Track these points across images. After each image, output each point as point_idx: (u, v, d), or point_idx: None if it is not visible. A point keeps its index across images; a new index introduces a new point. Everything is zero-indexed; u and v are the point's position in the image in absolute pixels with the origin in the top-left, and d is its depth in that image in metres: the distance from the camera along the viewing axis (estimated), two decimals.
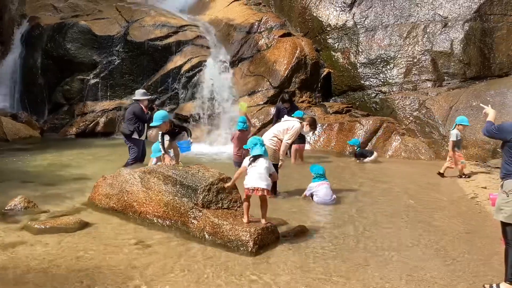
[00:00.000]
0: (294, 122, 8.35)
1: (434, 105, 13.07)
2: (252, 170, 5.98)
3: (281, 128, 8.28)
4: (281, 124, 8.48)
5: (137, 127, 9.73)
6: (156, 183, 6.63)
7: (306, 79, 14.94)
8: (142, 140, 9.87)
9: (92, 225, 6.38)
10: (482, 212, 7.60)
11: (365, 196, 8.56)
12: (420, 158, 12.44)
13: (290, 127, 8.22)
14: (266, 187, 5.91)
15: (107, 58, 15.77)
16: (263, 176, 5.94)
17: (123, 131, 9.90)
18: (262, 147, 6.18)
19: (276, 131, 8.31)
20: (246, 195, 5.97)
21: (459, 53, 13.63)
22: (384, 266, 5.34)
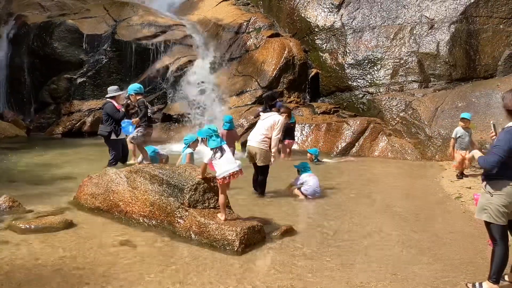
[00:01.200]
0: (276, 115, 8.18)
1: (420, 106, 13.18)
2: (220, 160, 6.01)
3: (268, 126, 8.06)
4: (264, 122, 8.16)
5: (114, 127, 9.41)
6: (143, 182, 6.61)
7: (294, 80, 15.01)
8: (121, 139, 9.57)
9: (77, 225, 6.34)
10: (466, 212, 7.68)
11: (350, 197, 8.60)
12: (406, 158, 12.54)
13: (276, 121, 8.06)
14: (239, 167, 6.08)
15: (95, 57, 15.71)
16: (232, 160, 6.14)
17: (101, 133, 9.58)
18: (218, 137, 6.18)
19: (264, 130, 8.06)
20: (221, 187, 6.02)
21: (445, 54, 13.77)
22: (368, 265, 5.37)
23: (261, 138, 8.04)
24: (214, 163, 6.08)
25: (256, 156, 8.05)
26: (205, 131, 6.30)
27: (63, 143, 13.75)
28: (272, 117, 8.17)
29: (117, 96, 9.72)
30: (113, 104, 9.57)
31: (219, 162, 6.02)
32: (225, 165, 5.99)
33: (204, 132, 6.32)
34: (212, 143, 6.12)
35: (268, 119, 8.15)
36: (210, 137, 6.17)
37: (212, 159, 6.07)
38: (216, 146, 6.10)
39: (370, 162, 12.22)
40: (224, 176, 5.98)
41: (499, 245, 4.62)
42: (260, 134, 8.09)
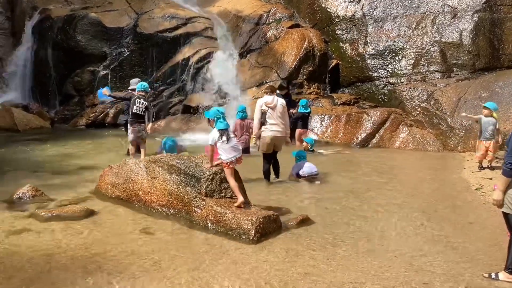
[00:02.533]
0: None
1: (443, 96, 13.00)
2: (226, 145, 6.23)
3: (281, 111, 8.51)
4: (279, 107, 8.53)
5: None
6: (161, 172, 6.72)
7: (314, 71, 14.96)
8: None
9: (98, 214, 6.50)
10: (486, 203, 7.57)
11: (370, 186, 8.58)
12: (427, 149, 12.41)
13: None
14: (240, 154, 6.42)
15: (117, 49, 15.91)
16: (238, 146, 6.44)
17: (120, 122, 10.09)
18: (225, 120, 6.38)
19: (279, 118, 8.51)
20: (227, 171, 6.20)
21: (468, 44, 13.54)
22: (384, 254, 5.37)
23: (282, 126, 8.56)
24: (219, 147, 6.24)
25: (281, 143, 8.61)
26: (213, 112, 6.48)
27: (86, 134, 14.01)
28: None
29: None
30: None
31: (225, 146, 6.21)
32: (232, 151, 6.23)
33: (212, 113, 6.50)
34: (220, 125, 6.30)
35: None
36: (218, 119, 6.34)
37: (217, 141, 6.24)
38: (224, 128, 6.29)
39: (390, 153, 12.13)
40: (231, 161, 6.19)
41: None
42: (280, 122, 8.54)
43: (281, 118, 8.51)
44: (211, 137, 6.36)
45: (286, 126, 8.68)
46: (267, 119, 8.43)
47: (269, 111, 8.42)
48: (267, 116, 8.43)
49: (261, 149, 8.58)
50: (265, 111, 8.44)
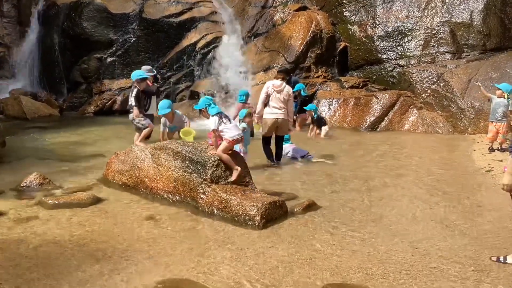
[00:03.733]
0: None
1: (453, 78, 12.82)
2: (230, 124, 6.47)
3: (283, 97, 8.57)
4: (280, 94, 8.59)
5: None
6: (166, 159, 6.70)
7: (322, 54, 14.79)
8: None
9: (105, 201, 6.50)
10: (496, 186, 7.48)
11: (377, 170, 8.52)
12: (437, 132, 12.28)
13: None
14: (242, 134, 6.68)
15: (123, 36, 15.83)
16: (238, 126, 6.79)
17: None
18: (215, 105, 6.61)
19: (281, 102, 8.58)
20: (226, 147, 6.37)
21: (479, 24, 13.30)
22: (390, 239, 5.33)
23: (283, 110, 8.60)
24: (223, 129, 6.39)
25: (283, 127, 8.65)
26: (203, 101, 6.65)
27: (94, 121, 14.02)
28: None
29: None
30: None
31: (229, 126, 6.42)
32: (235, 129, 6.46)
33: (202, 103, 6.64)
34: (213, 110, 6.49)
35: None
36: (209, 106, 6.52)
37: (219, 124, 6.39)
38: (218, 112, 6.49)
39: (399, 136, 12.03)
40: (236, 138, 6.40)
41: None
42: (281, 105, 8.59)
43: (285, 104, 8.53)
44: (212, 123, 6.48)
45: (290, 114, 8.78)
46: (270, 102, 8.47)
47: (274, 94, 8.45)
48: (271, 99, 8.47)
49: (263, 131, 8.67)
50: (271, 93, 8.45)
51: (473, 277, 4.40)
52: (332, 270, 4.51)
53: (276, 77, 8.80)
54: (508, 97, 9.41)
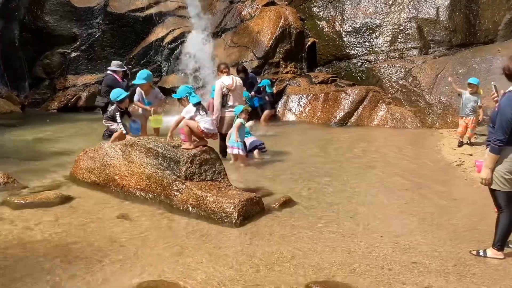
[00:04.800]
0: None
1: (420, 73, 12.96)
2: (207, 117, 6.49)
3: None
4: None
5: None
6: (138, 156, 6.48)
7: (291, 49, 14.69)
8: None
9: (74, 200, 6.24)
10: (468, 179, 7.59)
11: (350, 166, 8.52)
12: (406, 127, 12.40)
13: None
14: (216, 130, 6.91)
15: (87, 30, 15.34)
16: (214, 123, 6.84)
17: (97, 104, 10.06)
18: (196, 94, 6.58)
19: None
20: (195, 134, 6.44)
21: (445, 20, 13.46)
22: (370, 234, 5.29)
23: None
24: (199, 120, 6.39)
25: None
26: (183, 90, 6.63)
27: (58, 118, 13.54)
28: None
29: (118, 71, 10.08)
30: (115, 77, 9.91)
31: (206, 119, 6.44)
32: (210, 124, 6.51)
33: (182, 91, 6.62)
34: (194, 99, 6.45)
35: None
36: (190, 94, 6.50)
37: (196, 115, 6.40)
38: (199, 101, 6.47)
39: (369, 131, 12.10)
40: (208, 133, 6.44)
41: (504, 212, 4.53)
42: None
43: (240, 98, 8.71)
44: (186, 112, 6.46)
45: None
46: (227, 101, 8.47)
47: (229, 94, 8.46)
48: (228, 98, 8.48)
49: (224, 129, 8.56)
50: (226, 93, 8.44)
51: (455, 271, 4.39)
52: (315, 267, 4.43)
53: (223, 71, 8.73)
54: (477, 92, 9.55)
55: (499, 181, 4.43)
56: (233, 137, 8.16)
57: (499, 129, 4.32)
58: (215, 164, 6.27)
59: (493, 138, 4.37)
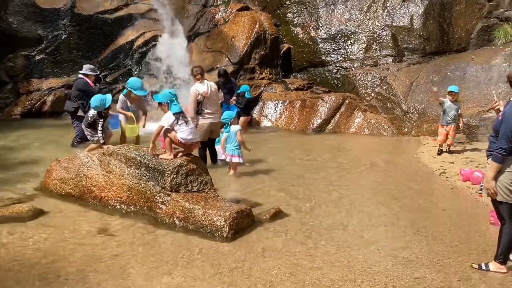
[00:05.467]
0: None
1: (396, 81, 12.96)
2: (185, 127, 6.05)
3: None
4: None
5: (81, 103, 9.51)
6: (118, 165, 6.10)
7: (266, 55, 14.48)
8: None
9: (48, 213, 5.82)
10: (454, 188, 7.51)
11: (334, 175, 8.32)
12: (382, 134, 12.35)
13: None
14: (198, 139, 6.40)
15: (53, 32, 14.70)
16: (195, 131, 6.38)
17: (67, 109, 9.78)
18: (178, 103, 6.15)
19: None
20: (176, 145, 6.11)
21: (419, 28, 13.54)
22: (366, 247, 5.08)
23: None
24: (177, 130, 6.01)
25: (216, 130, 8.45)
26: (166, 95, 6.18)
27: (23, 124, 12.88)
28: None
29: (90, 75, 9.73)
30: (86, 81, 9.58)
31: (184, 129, 6.01)
32: (191, 133, 6.07)
33: (164, 96, 6.19)
34: (175, 108, 6.04)
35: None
36: (171, 102, 6.07)
37: (174, 124, 5.99)
38: (179, 111, 6.05)
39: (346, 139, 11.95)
40: (186, 143, 6.03)
41: (508, 224, 4.39)
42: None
43: (216, 104, 8.50)
44: (165, 120, 6.05)
45: (219, 112, 8.76)
46: (203, 108, 8.20)
47: (204, 101, 8.19)
48: (203, 105, 8.20)
49: (201, 137, 8.13)
50: (201, 100, 8.16)
51: (461, 287, 4.21)
52: (316, 285, 4.19)
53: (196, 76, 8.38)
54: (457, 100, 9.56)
55: (504, 192, 4.29)
56: (232, 144, 7.90)
57: (503, 138, 4.18)
58: (202, 174, 5.95)
59: (497, 147, 4.22)
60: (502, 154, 4.21)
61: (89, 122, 7.41)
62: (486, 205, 6.47)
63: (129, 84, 8.33)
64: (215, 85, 8.71)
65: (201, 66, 8.94)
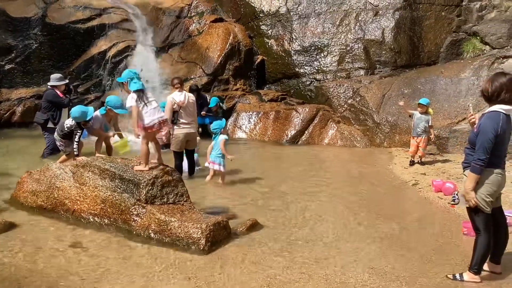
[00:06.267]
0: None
1: (368, 93, 13.15)
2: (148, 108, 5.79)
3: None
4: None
5: (51, 115, 9.40)
6: (91, 177, 5.99)
7: (240, 66, 14.53)
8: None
9: (19, 226, 5.66)
10: (426, 199, 7.62)
11: (308, 186, 8.34)
12: (355, 145, 12.48)
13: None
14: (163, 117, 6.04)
15: (24, 41, 14.43)
16: (159, 108, 6.00)
17: (37, 121, 9.63)
18: (140, 80, 5.91)
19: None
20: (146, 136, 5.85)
21: (390, 41, 13.81)
22: (343, 259, 5.10)
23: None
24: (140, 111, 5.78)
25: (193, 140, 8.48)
26: (126, 74, 5.94)
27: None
28: None
29: (59, 86, 9.60)
30: (56, 92, 9.47)
31: (146, 110, 5.77)
32: (154, 113, 5.82)
33: (124, 75, 5.95)
34: (134, 85, 5.80)
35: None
36: (131, 80, 5.83)
37: (138, 104, 5.74)
38: (139, 88, 5.79)
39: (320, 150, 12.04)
40: (154, 124, 5.78)
41: (482, 235, 4.47)
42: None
43: (192, 115, 8.44)
44: (129, 100, 5.82)
45: (196, 122, 8.73)
46: (178, 117, 8.17)
47: (180, 110, 8.18)
48: (179, 115, 8.18)
49: (174, 147, 8.32)
50: (177, 110, 8.15)
51: None
52: None
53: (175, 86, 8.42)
54: (428, 112, 9.74)
55: (481, 204, 4.38)
56: (216, 152, 7.94)
57: (480, 150, 4.27)
58: (178, 186, 5.90)
59: (475, 159, 4.31)
60: (480, 165, 4.30)
61: (65, 132, 7.26)
62: (458, 216, 6.62)
63: (109, 103, 7.84)
64: (193, 96, 8.69)
65: (180, 77, 8.94)
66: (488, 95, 4.41)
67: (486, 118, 4.35)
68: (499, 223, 4.68)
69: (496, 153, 4.32)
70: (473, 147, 4.42)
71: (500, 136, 4.27)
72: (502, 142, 4.35)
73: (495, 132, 4.23)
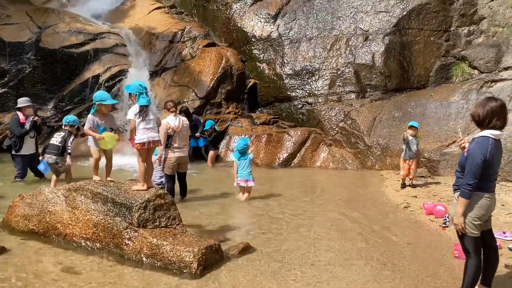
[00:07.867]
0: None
1: (359, 116, 13.30)
2: (141, 124, 5.97)
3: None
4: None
5: (14, 141, 9.41)
6: (84, 201, 5.99)
7: (233, 90, 14.70)
8: (23, 155, 9.46)
9: (10, 251, 5.63)
10: (418, 222, 7.66)
11: (300, 209, 8.37)
12: (347, 168, 12.56)
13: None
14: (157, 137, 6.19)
15: (17, 66, 14.53)
16: (155, 127, 6.15)
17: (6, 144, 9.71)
18: (147, 96, 6.09)
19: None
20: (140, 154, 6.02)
21: (380, 65, 14.03)
22: (337, 283, 5.10)
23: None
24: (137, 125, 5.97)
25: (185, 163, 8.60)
26: (136, 87, 6.08)
27: None
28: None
29: (24, 107, 9.51)
30: (18, 117, 9.41)
31: (139, 126, 5.94)
32: (146, 131, 5.97)
33: (134, 87, 6.10)
34: (143, 100, 5.97)
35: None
36: (140, 94, 5.98)
37: (136, 118, 5.94)
38: (146, 104, 5.98)
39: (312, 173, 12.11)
40: (144, 142, 5.94)
41: (472, 258, 4.50)
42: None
43: (185, 139, 8.59)
44: (131, 112, 6.03)
45: (188, 146, 8.93)
46: (172, 142, 8.27)
47: (174, 135, 8.27)
48: (173, 139, 8.28)
49: (167, 171, 8.41)
50: (171, 134, 8.23)
51: None
52: None
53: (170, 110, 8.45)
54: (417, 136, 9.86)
55: (469, 227, 4.43)
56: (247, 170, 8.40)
57: (468, 174, 4.34)
58: (170, 209, 5.91)
59: (463, 183, 4.38)
60: (469, 190, 4.35)
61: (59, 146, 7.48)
62: (449, 238, 6.65)
63: (96, 98, 7.68)
64: (187, 120, 8.78)
65: (174, 100, 9.05)
66: (479, 120, 4.49)
67: (475, 143, 4.43)
68: (489, 246, 4.71)
69: (485, 177, 4.38)
70: (463, 170, 4.48)
71: (489, 161, 4.34)
72: (491, 166, 4.41)
73: (484, 157, 4.30)
